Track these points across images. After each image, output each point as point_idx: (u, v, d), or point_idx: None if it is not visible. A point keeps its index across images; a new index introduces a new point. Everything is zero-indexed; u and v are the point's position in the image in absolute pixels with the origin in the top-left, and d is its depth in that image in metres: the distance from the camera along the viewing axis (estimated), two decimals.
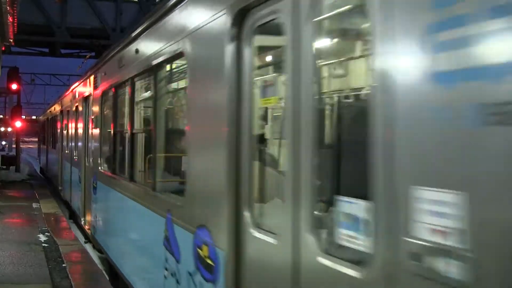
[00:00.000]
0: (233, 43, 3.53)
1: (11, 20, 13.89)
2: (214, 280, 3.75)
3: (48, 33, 25.45)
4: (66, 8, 24.88)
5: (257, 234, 3.24)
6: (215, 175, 3.77)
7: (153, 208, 5.61)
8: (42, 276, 8.03)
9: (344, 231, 2.54)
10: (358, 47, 3.10)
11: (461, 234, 1.77)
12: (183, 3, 4.79)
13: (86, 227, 11.28)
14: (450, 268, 1.80)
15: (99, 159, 9.52)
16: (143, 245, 6.35)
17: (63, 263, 8.88)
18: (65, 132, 17.29)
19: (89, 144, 10.95)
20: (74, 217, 14.30)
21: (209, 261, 3.85)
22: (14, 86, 27.81)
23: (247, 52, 3.46)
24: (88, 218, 10.99)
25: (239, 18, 3.47)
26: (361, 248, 2.38)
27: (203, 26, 4.15)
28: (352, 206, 2.50)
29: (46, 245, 10.26)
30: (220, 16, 3.74)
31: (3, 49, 18.12)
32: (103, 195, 9.19)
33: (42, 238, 10.92)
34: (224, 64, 3.63)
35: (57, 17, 25.05)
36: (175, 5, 5.00)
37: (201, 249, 4.05)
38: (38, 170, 33.63)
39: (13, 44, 17.47)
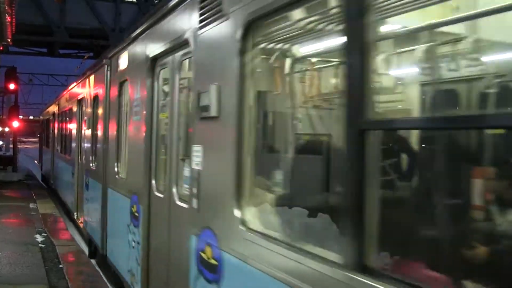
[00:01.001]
0: None
1: (9, 19, 13.85)
2: None
3: (46, 33, 25.41)
4: (65, 8, 24.85)
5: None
6: None
7: None
8: (39, 276, 8.01)
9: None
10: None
11: None
12: None
13: None
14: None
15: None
16: None
17: (60, 264, 8.86)
18: (86, 131, 10.95)
19: (173, 152, 5.38)
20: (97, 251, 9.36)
21: None
22: (11, 86, 27.76)
23: None
24: None
25: None
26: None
27: None
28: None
29: (43, 245, 10.23)
30: None
31: (1, 49, 18.08)
32: None
33: (39, 238, 10.89)
34: None
35: (56, 17, 25.01)
36: None
37: None
38: (39, 178, 27.89)
39: (11, 44, 17.43)
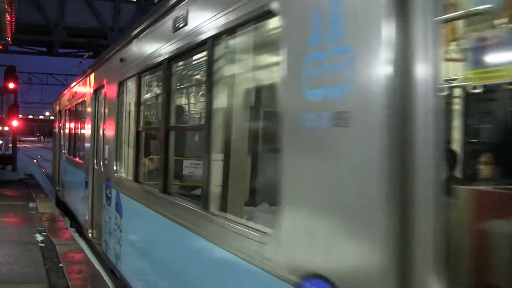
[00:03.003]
0: None
1: (9, 19, 13.86)
2: None
3: (46, 32, 25.41)
4: (64, 7, 24.85)
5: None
6: None
7: None
8: (39, 276, 7.99)
9: None
10: None
11: None
12: None
13: None
14: None
15: None
16: None
17: (60, 263, 8.84)
18: None
19: None
20: None
21: None
22: (11, 85, 27.80)
23: None
24: None
25: None
26: None
27: None
28: None
29: (42, 244, 10.22)
30: None
31: (1, 48, 18.08)
32: None
33: (39, 237, 10.88)
34: None
35: (55, 16, 25.02)
36: None
37: None
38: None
39: (10, 43, 17.43)
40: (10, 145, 36.56)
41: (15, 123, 30.92)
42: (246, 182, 4.66)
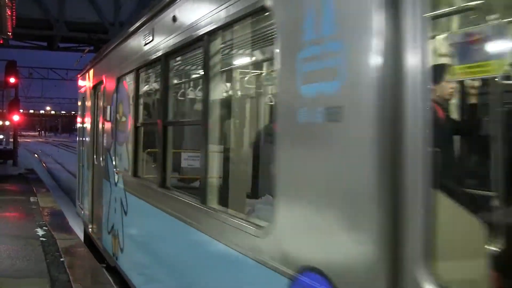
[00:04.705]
0: None
1: (9, 13, 13.82)
2: None
3: (46, 27, 25.38)
4: (65, 2, 24.83)
5: None
6: None
7: None
8: (40, 270, 8.00)
9: None
10: None
11: None
12: None
13: None
14: None
15: None
16: None
17: (61, 258, 8.84)
18: None
19: None
20: None
21: None
22: (12, 80, 27.80)
23: None
24: None
25: None
26: None
27: None
28: None
29: (43, 239, 10.22)
30: None
31: (1, 42, 18.05)
32: None
33: (40, 232, 10.89)
34: None
35: (55, 11, 24.99)
36: None
37: None
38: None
39: (11, 37, 17.40)
40: (11, 140, 36.57)
41: (16, 117, 30.91)
42: None
